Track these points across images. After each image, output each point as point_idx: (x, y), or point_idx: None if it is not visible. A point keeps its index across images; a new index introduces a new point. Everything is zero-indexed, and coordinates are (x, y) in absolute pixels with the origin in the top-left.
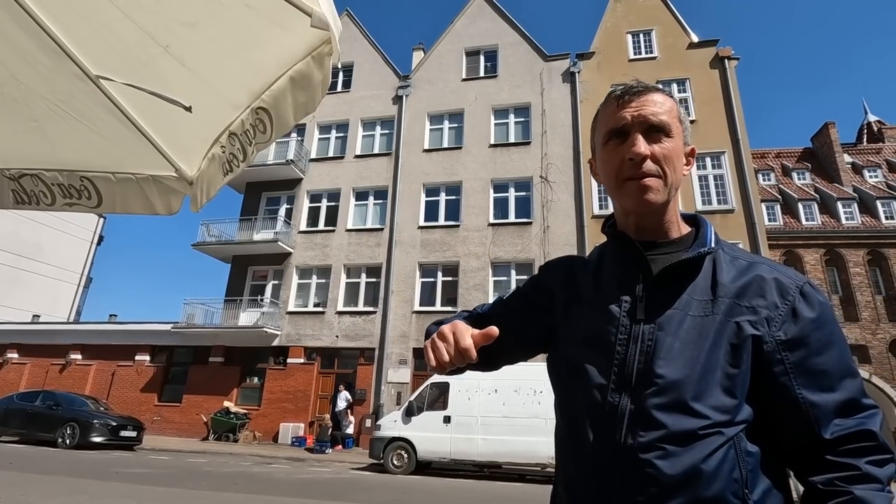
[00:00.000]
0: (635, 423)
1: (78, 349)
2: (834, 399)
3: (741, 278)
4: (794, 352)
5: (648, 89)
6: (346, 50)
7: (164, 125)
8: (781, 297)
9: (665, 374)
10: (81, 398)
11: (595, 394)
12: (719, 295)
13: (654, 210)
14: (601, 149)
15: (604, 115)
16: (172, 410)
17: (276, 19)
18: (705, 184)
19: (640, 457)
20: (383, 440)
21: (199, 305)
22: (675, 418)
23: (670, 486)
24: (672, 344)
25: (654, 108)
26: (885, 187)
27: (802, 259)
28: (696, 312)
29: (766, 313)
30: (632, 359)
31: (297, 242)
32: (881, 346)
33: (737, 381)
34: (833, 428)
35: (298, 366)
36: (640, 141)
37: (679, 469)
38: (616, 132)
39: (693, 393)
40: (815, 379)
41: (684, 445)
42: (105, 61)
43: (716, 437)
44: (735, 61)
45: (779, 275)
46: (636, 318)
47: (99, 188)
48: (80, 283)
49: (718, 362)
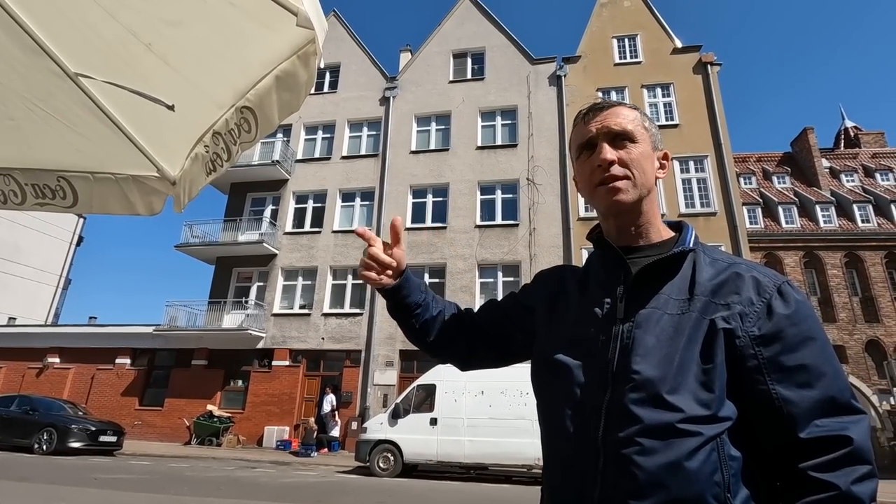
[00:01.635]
0: (613, 418)
1: (56, 352)
2: (811, 396)
3: (718, 277)
4: (768, 347)
5: (612, 104)
6: (332, 50)
7: (147, 124)
8: (757, 295)
9: (641, 370)
10: (59, 403)
11: (576, 392)
12: (696, 293)
13: (626, 209)
14: (576, 163)
15: (575, 134)
16: (154, 415)
17: (262, 18)
18: (688, 187)
19: (619, 452)
20: (369, 443)
21: (181, 307)
22: (651, 412)
23: (649, 483)
24: (649, 341)
25: (616, 118)
26: (861, 191)
27: (782, 261)
28: (674, 311)
29: (739, 308)
30: (612, 357)
31: (282, 244)
32: (858, 347)
33: (712, 375)
34: (811, 428)
35: (284, 368)
36: (605, 148)
37: (658, 465)
38: (585, 145)
39: (669, 387)
40: (790, 375)
41: (662, 440)
42: (85, 59)
43: (696, 437)
44: (717, 67)
45: (757, 273)
46: (616, 318)
47: (76, 188)
48: (58, 285)
49: (694, 358)
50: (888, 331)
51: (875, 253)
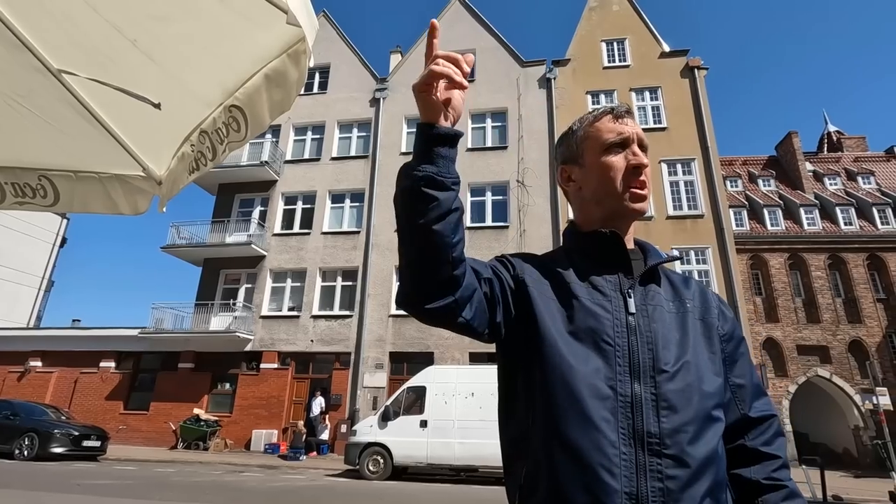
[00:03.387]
0: (657, 409)
1: (38, 356)
2: (752, 383)
3: (688, 286)
4: (728, 344)
5: (631, 112)
6: (322, 51)
7: (132, 122)
8: (714, 302)
9: (672, 361)
10: (41, 407)
11: (600, 385)
12: (683, 298)
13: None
14: (600, 155)
15: (603, 126)
16: (139, 419)
17: (251, 15)
18: (676, 189)
19: (667, 442)
20: (359, 446)
21: (168, 310)
22: (692, 400)
23: (698, 470)
24: (668, 335)
25: (640, 129)
26: (843, 194)
27: (768, 263)
28: (671, 310)
29: (714, 311)
30: (635, 349)
31: (271, 245)
32: (841, 347)
33: (717, 363)
34: (754, 411)
35: (272, 371)
36: (644, 156)
37: (704, 452)
38: (620, 143)
39: (698, 376)
40: (739, 366)
41: (704, 428)
42: (68, 55)
43: (720, 422)
44: (704, 71)
45: (704, 286)
46: (629, 312)
47: (58, 187)
48: (40, 287)
49: (703, 350)
50: (870, 331)
51: (857, 255)
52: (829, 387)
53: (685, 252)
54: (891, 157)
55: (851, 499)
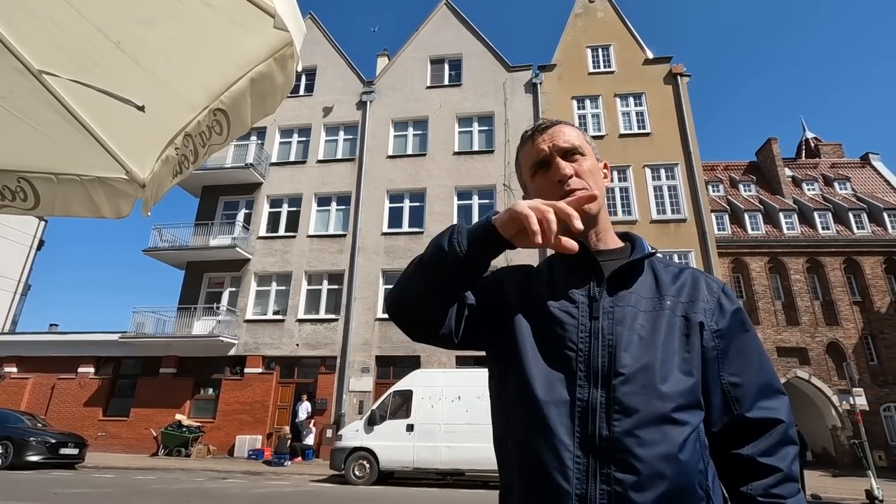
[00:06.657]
0: (609, 412)
1: (13, 361)
2: (755, 381)
3: (678, 280)
4: (723, 339)
5: (555, 123)
6: (309, 53)
7: (116, 125)
8: (710, 294)
9: (630, 364)
10: (16, 414)
11: (561, 390)
12: (664, 294)
13: (591, 218)
14: (531, 182)
15: (524, 154)
16: (119, 425)
17: (238, 19)
18: (660, 194)
19: (617, 445)
20: (345, 450)
21: (149, 314)
22: (647, 402)
23: (650, 475)
24: (630, 337)
25: (563, 136)
26: (821, 199)
27: (748, 266)
28: (646, 308)
29: (703, 306)
30: (595, 353)
31: (255, 248)
32: (819, 349)
33: (692, 362)
34: (756, 410)
35: (256, 376)
36: (562, 164)
37: (657, 455)
38: (539, 163)
39: (659, 377)
40: (738, 362)
41: (659, 431)
42: (50, 56)
43: (685, 426)
44: (686, 78)
45: (705, 277)
46: (593, 317)
47: (38, 189)
48: (16, 291)
49: (674, 349)
50: (847, 333)
51: (834, 259)
52: (807, 388)
53: (668, 256)
54: (865, 164)
55: (830, 498)
